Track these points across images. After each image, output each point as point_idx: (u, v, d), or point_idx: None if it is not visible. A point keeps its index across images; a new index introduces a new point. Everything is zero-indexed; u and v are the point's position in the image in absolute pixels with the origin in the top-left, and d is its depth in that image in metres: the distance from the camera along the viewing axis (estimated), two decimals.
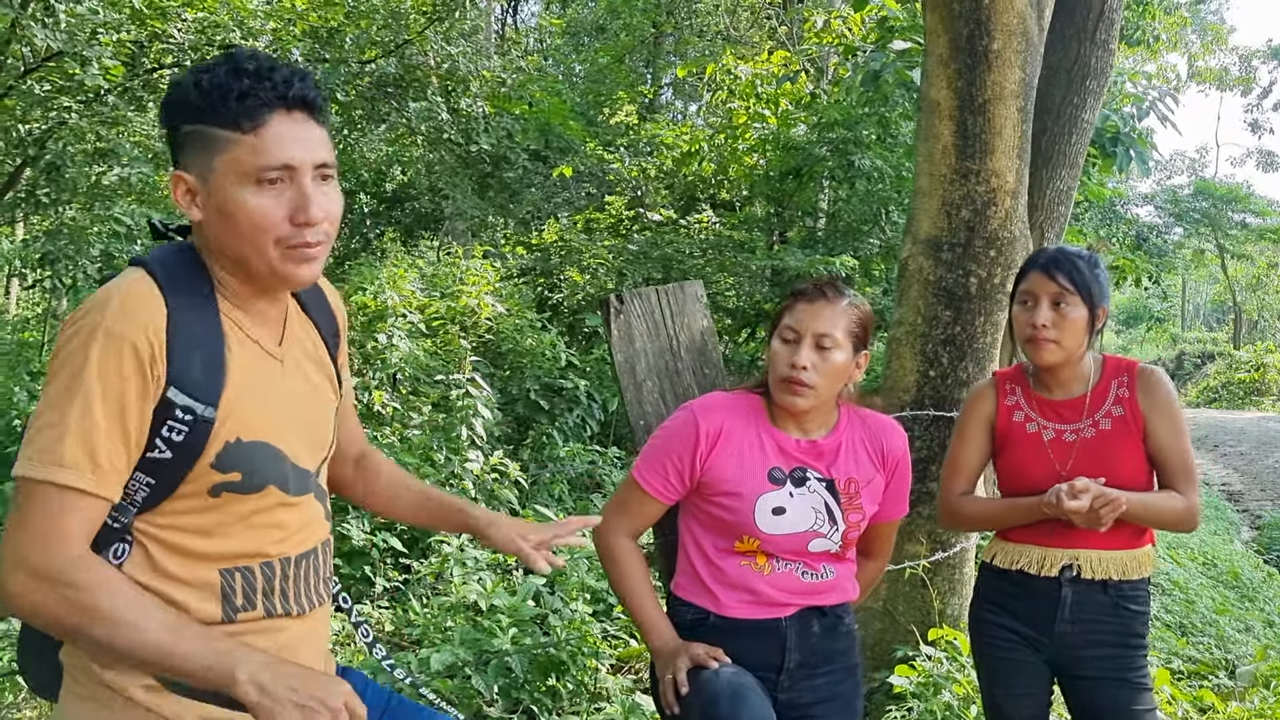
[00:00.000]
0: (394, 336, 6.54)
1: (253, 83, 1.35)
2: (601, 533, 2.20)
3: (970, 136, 3.46)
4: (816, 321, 2.05)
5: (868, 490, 2.15)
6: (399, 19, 8.25)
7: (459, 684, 3.83)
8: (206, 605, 1.40)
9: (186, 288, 1.40)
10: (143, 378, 1.32)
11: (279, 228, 1.37)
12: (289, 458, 1.46)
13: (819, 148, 9.05)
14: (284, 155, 1.36)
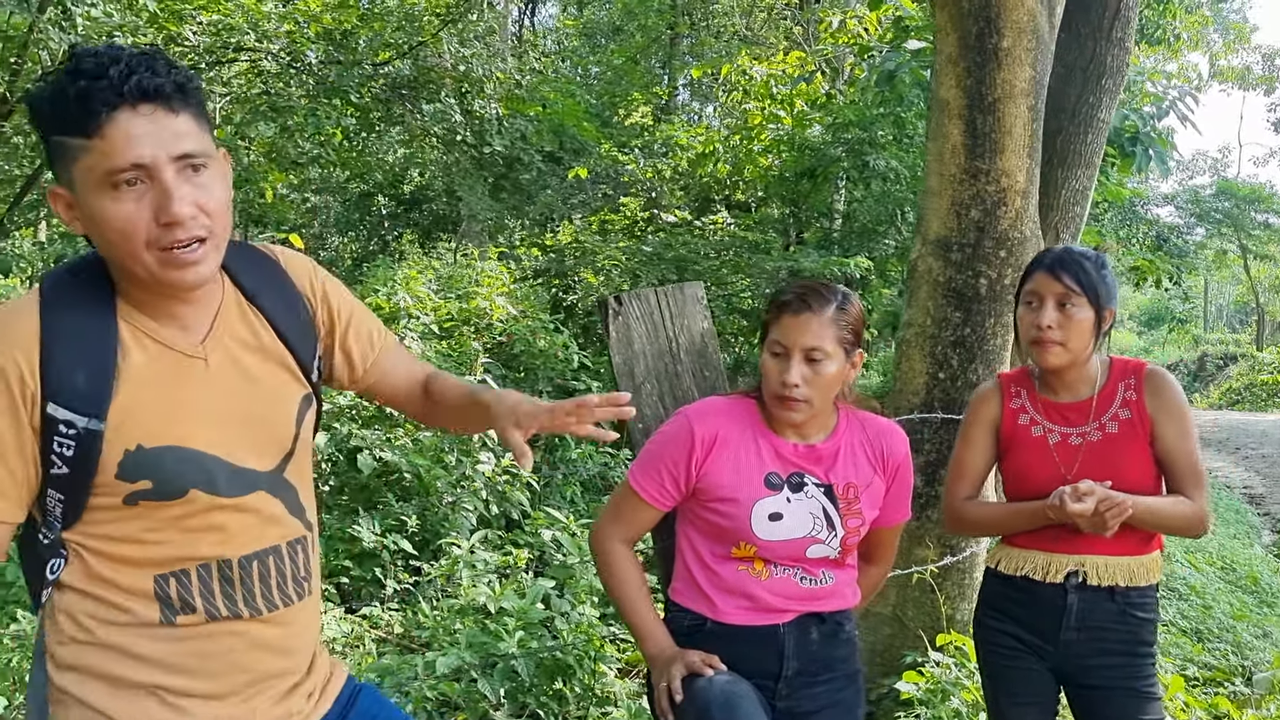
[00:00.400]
0: (406, 338, 6.54)
1: (88, 82, 1.26)
2: (597, 539, 2.17)
3: (980, 135, 3.42)
4: (804, 336, 2.00)
5: (867, 495, 2.11)
6: (413, 21, 8.27)
7: (465, 687, 3.82)
8: (144, 609, 1.38)
9: (77, 300, 1.37)
10: (11, 399, 1.31)
11: (145, 231, 1.30)
12: (218, 458, 1.40)
13: (834, 148, 9.01)
14: (132, 154, 1.28)
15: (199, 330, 1.44)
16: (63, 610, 1.40)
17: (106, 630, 1.39)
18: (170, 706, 1.40)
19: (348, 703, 1.62)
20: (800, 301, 2.02)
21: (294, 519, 1.51)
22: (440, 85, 8.71)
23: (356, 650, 4.45)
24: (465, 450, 5.97)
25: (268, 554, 1.46)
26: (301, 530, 1.52)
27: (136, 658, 1.39)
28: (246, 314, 1.51)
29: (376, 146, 10.36)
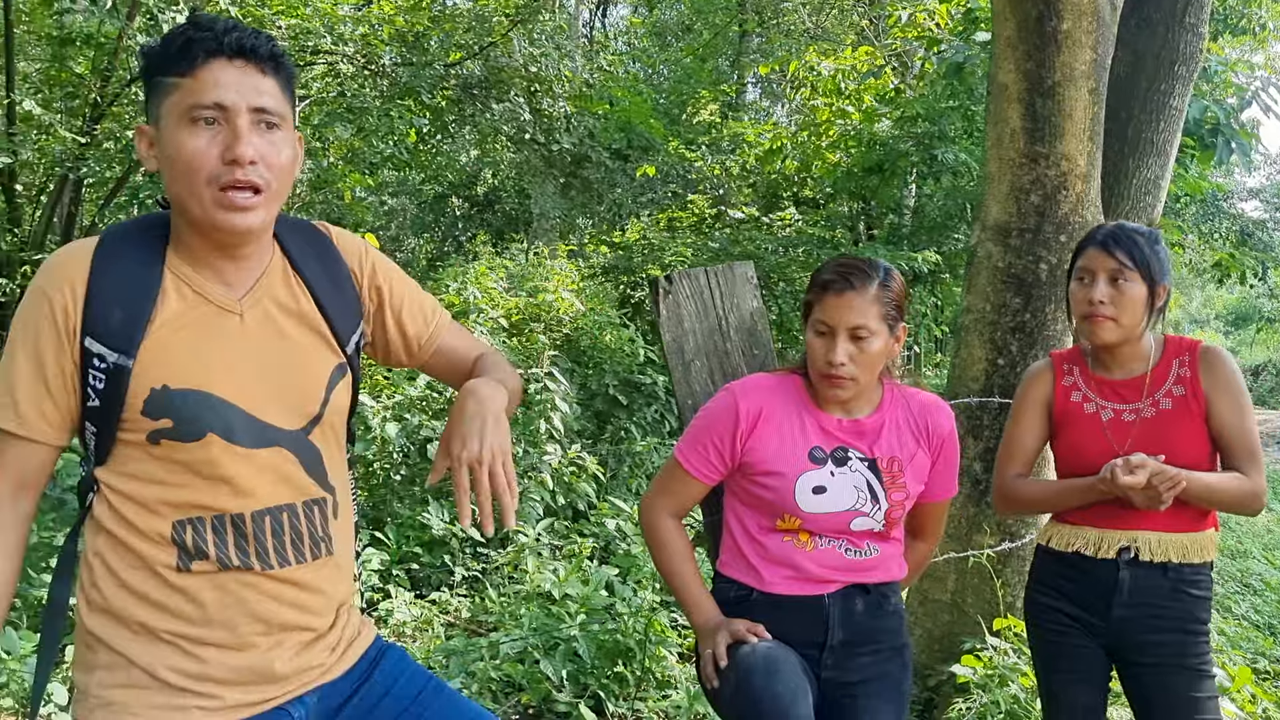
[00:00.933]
0: (476, 332, 6.67)
1: (195, 32, 1.42)
2: (645, 512, 2.22)
3: (1039, 119, 3.40)
4: (848, 314, 2.02)
5: (911, 469, 2.13)
6: (483, 22, 8.42)
7: (528, 669, 3.91)
8: (162, 554, 1.46)
9: (129, 248, 1.48)
10: (55, 329, 1.43)
11: (210, 166, 1.41)
12: (240, 408, 1.48)
13: (903, 143, 8.93)
14: (216, 95, 1.41)
15: (240, 288, 1.53)
16: (95, 554, 1.49)
17: (130, 574, 1.47)
18: (189, 655, 1.47)
19: (374, 660, 1.66)
20: (843, 280, 2.03)
21: (311, 480, 1.56)
22: (510, 85, 8.85)
23: (425, 633, 4.57)
24: (533, 441, 6.07)
25: (281, 510, 1.52)
26: (321, 493, 1.57)
27: (157, 605, 1.46)
28: (290, 281, 1.59)
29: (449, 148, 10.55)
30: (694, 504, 2.24)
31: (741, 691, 1.93)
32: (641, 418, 7.32)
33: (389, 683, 1.65)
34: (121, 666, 1.46)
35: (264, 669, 1.51)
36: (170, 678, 1.46)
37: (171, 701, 1.45)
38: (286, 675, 1.53)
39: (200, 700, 1.46)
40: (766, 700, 1.89)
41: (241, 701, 1.49)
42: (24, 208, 7.98)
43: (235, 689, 1.49)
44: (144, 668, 1.45)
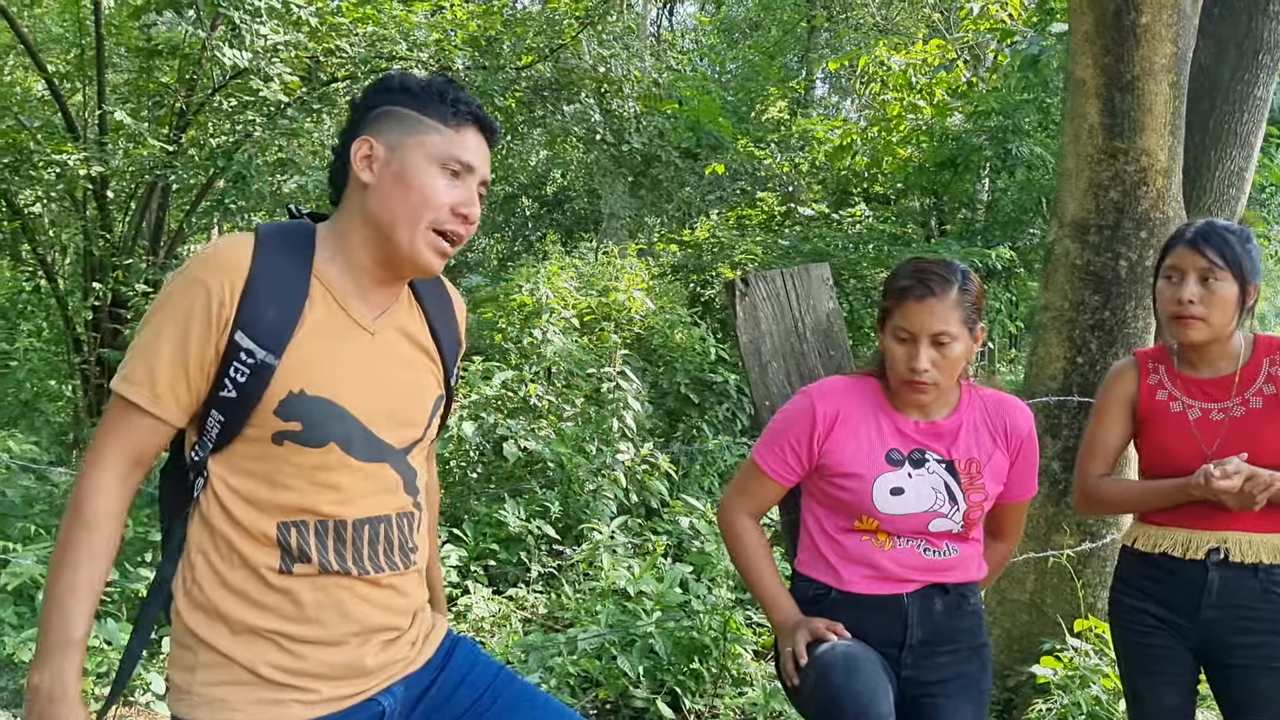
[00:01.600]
0: (548, 332, 6.76)
1: (460, 96, 1.61)
2: (724, 513, 2.26)
3: (1118, 114, 3.36)
4: (930, 320, 2.00)
5: (989, 470, 2.13)
6: (553, 25, 8.50)
7: (605, 664, 3.96)
8: (265, 555, 1.52)
9: (284, 251, 1.55)
10: (208, 317, 1.48)
11: (440, 210, 1.57)
12: (360, 421, 1.56)
13: (976, 137, 8.82)
14: (469, 157, 1.60)
15: (376, 308, 1.63)
16: (199, 551, 1.53)
17: (232, 574, 1.52)
18: (288, 652, 1.52)
19: (449, 652, 1.74)
20: (923, 285, 2.02)
21: (408, 496, 1.64)
22: (580, 86, 8.92)
23: (503, 629, 4.65)
24: (606, 440, 6.14)
25: (379, 521, 1.59)
26: (412, 507, 1.65)
27: (257, 604, 1.52)
28: (414, 311, 1.71)
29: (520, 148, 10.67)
30: (772, 504, 2.27)
31: (821, 689, 1.95)
32: (713, 416, 7.34)
33: (464, 671, 1.73)
34: (222, 665, 1.51)
35: (356, 664, 1.57)
36: (270, 674, 1.51)
37: (272, 696, 1.51)
38: (375, 669, 1.60)
39: (298, 694, 1.53)
40: (846, 698, 1.90)
41: (336, 695, 1.55)
42: (114, 214, 8.26)
43: (330, 683, 1.55)
44: (244, 665, 1.51)
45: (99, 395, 7.68)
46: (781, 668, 2.12)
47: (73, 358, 8.16)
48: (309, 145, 8.44)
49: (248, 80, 7.18)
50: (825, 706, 1.94)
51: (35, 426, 7.72)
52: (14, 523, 4.66)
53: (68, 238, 9.53)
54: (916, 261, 2.11)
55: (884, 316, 2.10)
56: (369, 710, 1.59)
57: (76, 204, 8.21)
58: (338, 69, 7.95)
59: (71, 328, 8.22)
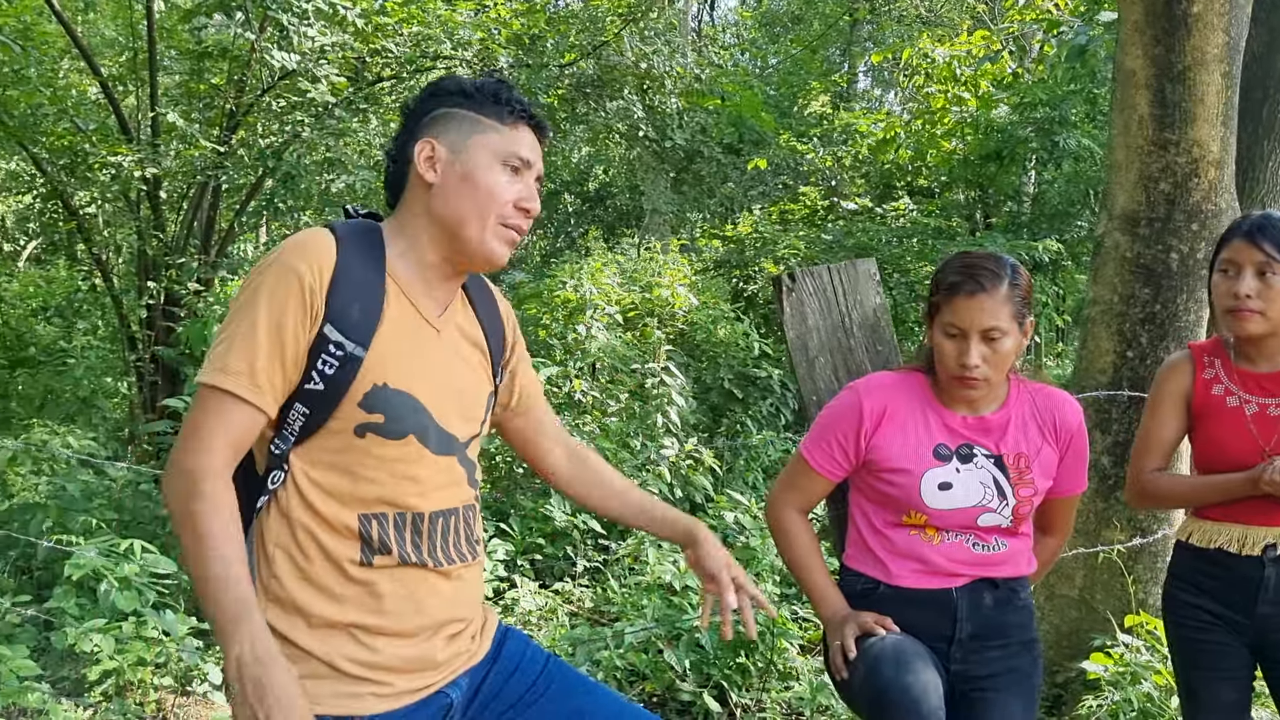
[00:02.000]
0: (592, 328, 6.80)
1: (513, 96, 1.68)
2: (772, 508, 2.27)
3: (1169, 105, 3.32)
4: (980, 316, 1.99)
5: (1038, 464, 2.12)
6: (596, 22, 8.54)
7: (652, 658, 3.99)
8: (345, 547, 1.55)
9: (360, 248, 1.59)
10: (303, 306, 1.50)
11: (504, 204, 1.63)
12: (433, 415, 1.61)
13: (1022, 129, 8.72)
14: (528, 153, 1.67)
15: (440, 307, 1.68)
16: (278, 547, 1.54)
17: (312, 567, 1.54)
18: (363, 645, 1.55)
19: (500, 641, 1.79)
20: (973, 281, 2.00)
21: (470, 489, 1.70)
22: (622, 83, 8.95)
23: (550, 622, 4.69)
24: (650, 435, 6.16)
25: (451, 514, 1.64)
26: (474, 499, 1.71)
27: (336, 597, 1.54)
28: (468, 310, 1.76)
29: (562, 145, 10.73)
30: (820, 499, 2.28)
31: (870, 683, 1.95)
32: (757, 411, 7.35)
33: (516, 660, 1.77)
34: (300, 659, 1.53)
35: (428, 657, 1.61)
36: (347, 667, 1.54)
37: (349, 690, 1.54)
38: (444, 662, 1.64)
39: (374, 688, 1.56)
40: (895, 692, 1.91)
41: (409, 688, 1.59)
42: (167, 213, 8.41)
43: (404, 676, 1.59)
44: (321, 658, 1.54)
45: (153, 392, 7.83)
46: (830, 662, 2.13)
47: (128, 355, 8.32)
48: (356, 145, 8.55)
49: (296, 81, 7.28)
50: (874, 700, 1.95)
51: (93, 422, 7.90)
52: (75, 516, 4.77)
53: (122, 238, 9.73)
54: (965, 256, 2.09)
55: (932, 312, 2.10)
56: (438, 702, 1.63)
57: (130, 204, 8.36)
58: (383, 69, 8.04)
59: (126, 326, 8.38)
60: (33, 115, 7.78)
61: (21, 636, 4.09)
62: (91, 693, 3.69)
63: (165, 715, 3.75)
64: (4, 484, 5.29)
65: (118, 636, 3.61)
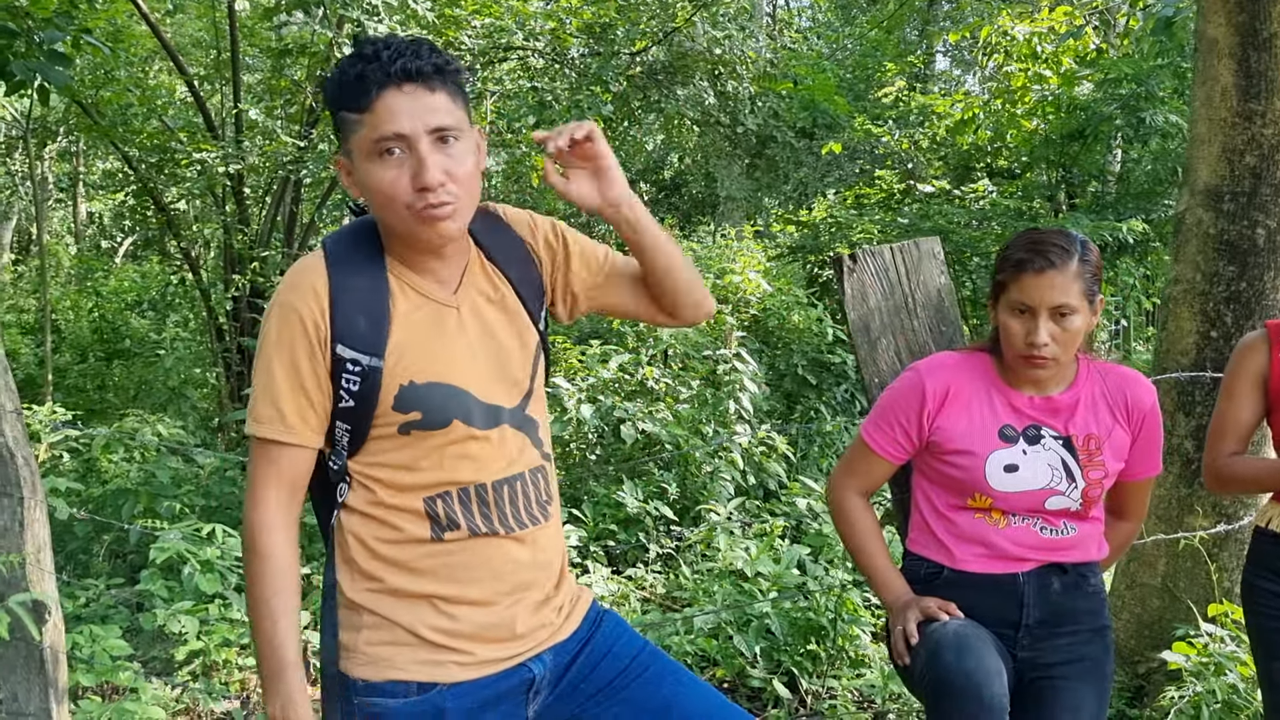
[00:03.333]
0: None
1: (364, 65, 1.48)
2: (833, 491, 2.24)
3: (1254, 75, 3.19)
4: (1050, 293, 1.94)
5: (1109, 446, 2.06)
6: (667, 8, 8.51)
7: (722, 644, 3.99)
8: (416, 527, 1.59)
9: (354, 258, 1.60)
10: (308, 340, 1.54)
11: (404, 195, 1.51)
12: (473, 394, 1.61)
13: (1106, 106, 8.46)
14: (394, 126, 1.48)
15: (451, 284, 1.66)
16: (350, 533, 1.61)
17: (387, 548, 1.59)
18: (444, 614, 1.59)
19: (595, 622, 1.78)
20: (1042, 257, 1.95)
21: (534, 450, 1.69)
22: (694, 69, 8.91)
23: (622, 608, 4.72)
24: (723, 422, 6.15)
25: (515, 480, 1.65)
26: (540, 460, 1.70)
27: (414, 571, 1.59)
28: (487, 270, 1.71)
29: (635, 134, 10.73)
30: (882, 482, 2.25)
31: (932, 668, 1.92)
32: (831, 397, 7.28)
33: (609, 644, 1.76)
34: (385, 627, 1.59)
35: (509, 626, 1.64)
36: (429, 635, 1.59)
37: (431, 657, 1.59)
38: (526, 633, 1.66)
39: (455, 656, 1.60)
40: (959, 678, 1.87)
41: (491, 657, 1.62)
42: (251, 208, 8.65)
43: (485, 645, 1.62)
44: (405, 627, 1.59)
45: (239, 381, 8.07)
46: (893, 648, 2.11)
47: (215, 346, 8.58)
48: None
49: None
50: (935, 687, 1.92)
51: (182, 412, 8.16)
52: (164, 502, 4.94)
53: (209, 232, 10.02)
54: (1032, 233, 2.05)
55: (998, 290, 2.05)
56: (520, 675, 1.65)
57: (216, 200, 8.61)
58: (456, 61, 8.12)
59: (214, 318, 8.65)
60: (123, 115, 8.06)
61: (115, 618, 4.26)
62: (179, 672, 3.83)
63: (249, 694, 3.86)
64: (98, 470, 5.49)
65: (203, 618, 3.73)
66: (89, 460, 5.54)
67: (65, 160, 15.28)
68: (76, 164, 15.38)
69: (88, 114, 7.89)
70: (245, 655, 3.92)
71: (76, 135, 10.85)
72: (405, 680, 1.57)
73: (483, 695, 1.61)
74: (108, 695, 3.69)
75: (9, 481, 2.55)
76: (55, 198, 16.42)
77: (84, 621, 3.94)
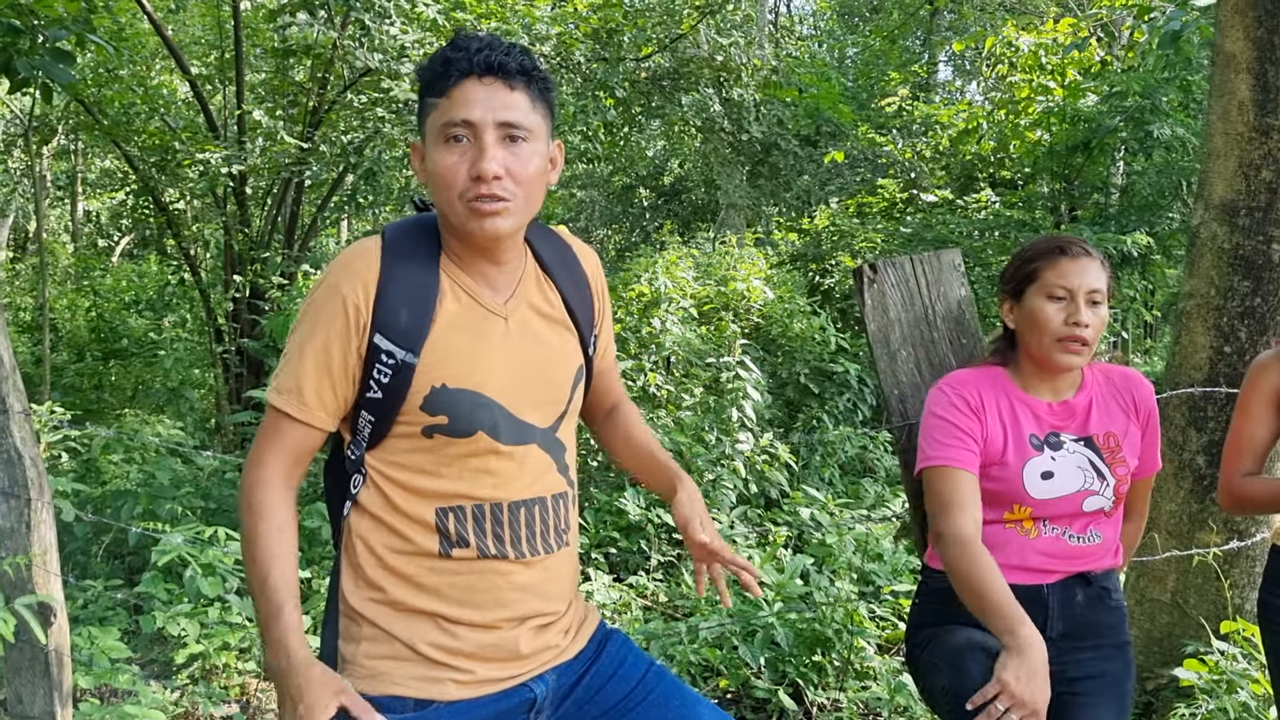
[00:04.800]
0: (667, 322, 6.78)
1: (453, 54, 1.49)
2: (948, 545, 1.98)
3: (1271, 89, 3.18)
4: (1086, 278, 2.01)
5: (1127, 442, 2.10)
6: (672, 15, 8.50)
7: (726, 654, 3.96)
8: (425, 539, 1.56)
9: (411, 250, 1.57)
10: (346, 323, 1.52)
11: (460, 182, 1.49)
12: (504, 407, 1.57)
13: (1111, 118, 8.46)
14: (464, 113, 1.48)
15: (504, 292, 1.62)
16: (359, 536, 1.58)
17: (394, 558, 1.56)
18: (445, 631, 1.56)
19: (601, 642, 1.74)
20: (1077, 246, 2.04)
21: (559, 475, 1.66)
22: (698, 76, 8.90)
23: (624, 616, 4.69)
24: (725, 430, 6.13)
25: (534, 503, 1.60)
26: (564, 486, 1.66)
27: (418, 586, 1.56)
28: (542, 284, 1.68)
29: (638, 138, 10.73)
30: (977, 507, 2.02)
31: (957, 681, 1.91)
32: (834, 406, 7.26)
33: (615, 665, 1.72)
34: (384, 640, 1.56)
35: (510, 647, 1.60)
36: (428, 651, 1.56)
37: (429, 674, 1.56)
38: (529, 654, 1.62)
39: (454, 674, 1.56)
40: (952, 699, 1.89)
41: (491, 677, 1.58)
42: (253, 209, 8.61)
43: (485, 664, 1.58)
44: (405, 642, 1.56)
45: (239, 383, 8.03)
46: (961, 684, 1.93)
47: (214, 347, 8.54)
48: None
49: (377, 78, 7.37)
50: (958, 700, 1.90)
51: (181, 412, 8.13)
52: (163, 503, 4.91)
53: (210, 233, 9.98)
54: (1050, 236, 2.12)
55: (1026, 281, 2.07)
56: (521, 695, 1.61)
57: (217, 200, 8.58)
58: None
59: (213, 318, 8.61)
60: (125, 114, 8.03)
61: (114, 619, 4.22)
62: (179, 675, 3.79)
63: (249, 699, 3.83)
64: (98, 471, 5.46)
65: (203, 621, 3.69)
66: (88, 460, 5.51)
67: (64, 158, 15.24)
68: (75, 162, 15.35)
69: (90, 112, 7.87)
70: (246, 659, 3.88)
71: (76, 134, 10.82)
72: (403, 696, 1.54)
73: (481, 714, 1.58)
74: (106, 698, 3.66)
75: (16, 483, 2.53)
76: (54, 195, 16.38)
77: (82, 623, 3.91)
